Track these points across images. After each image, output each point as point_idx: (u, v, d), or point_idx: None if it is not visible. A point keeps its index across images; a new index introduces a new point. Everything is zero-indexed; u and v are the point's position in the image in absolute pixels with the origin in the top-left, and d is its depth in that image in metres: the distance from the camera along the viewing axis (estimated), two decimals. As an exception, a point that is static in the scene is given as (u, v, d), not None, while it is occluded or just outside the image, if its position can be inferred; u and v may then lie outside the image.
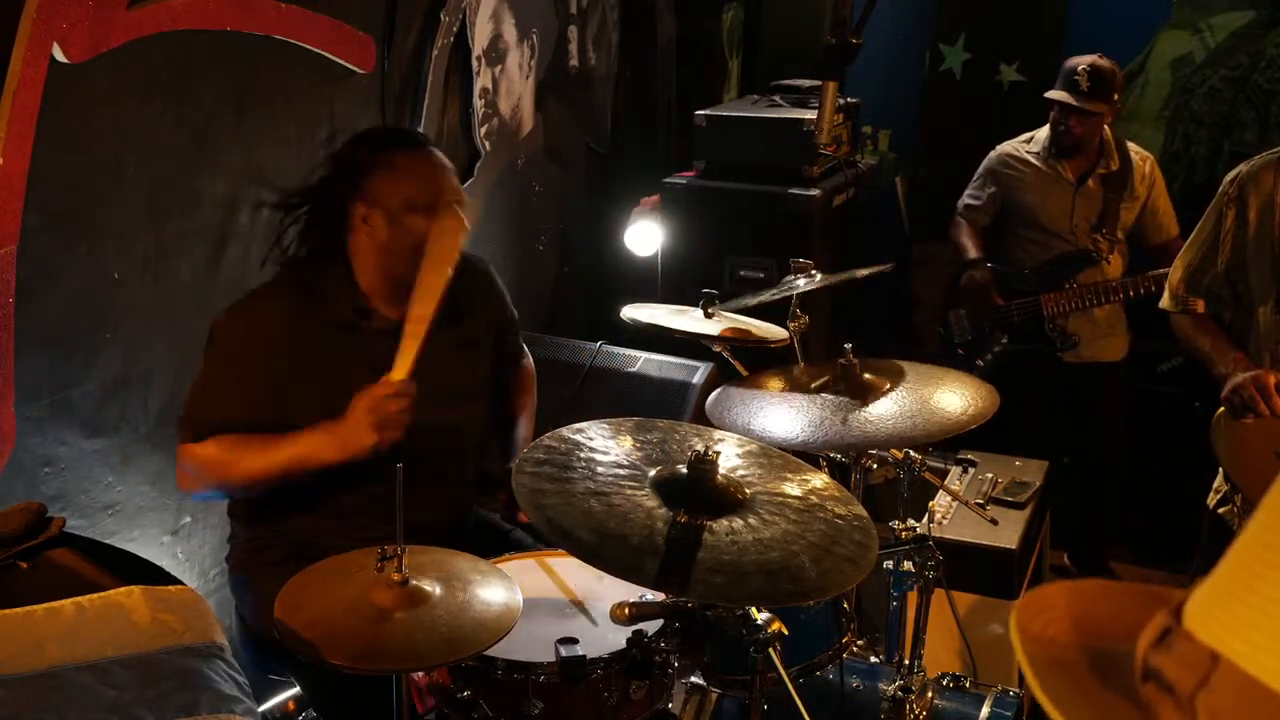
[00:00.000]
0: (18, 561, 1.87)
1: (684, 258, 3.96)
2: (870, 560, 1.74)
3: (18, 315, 2.25)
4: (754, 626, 1.70)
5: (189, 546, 2.81)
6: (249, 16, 2.65)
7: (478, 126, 3.75)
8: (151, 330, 2.61)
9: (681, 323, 2.72)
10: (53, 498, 2.39)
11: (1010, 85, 4.80)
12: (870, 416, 2.20)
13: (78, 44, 2.24)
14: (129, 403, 2.57)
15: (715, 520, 1.72)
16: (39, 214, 2.25)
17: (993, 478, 3.31)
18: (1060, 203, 3.88)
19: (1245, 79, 4.42)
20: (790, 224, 3.81)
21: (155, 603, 1.75)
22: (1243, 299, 2.64)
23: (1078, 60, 3.74)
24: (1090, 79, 3.68)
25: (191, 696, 1.59)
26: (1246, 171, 2.61)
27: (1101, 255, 3.84)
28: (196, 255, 2.70)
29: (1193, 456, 2.76)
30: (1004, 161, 3.98)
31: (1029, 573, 3.19)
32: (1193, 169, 4.55)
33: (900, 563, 2.38)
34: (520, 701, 1.85)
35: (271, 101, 2.84)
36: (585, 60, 4.43)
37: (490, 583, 1.86)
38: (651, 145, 4.76)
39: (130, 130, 2.47)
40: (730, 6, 5.05)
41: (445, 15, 3.42)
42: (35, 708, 1.53)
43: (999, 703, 2.38)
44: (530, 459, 1.83)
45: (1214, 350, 2.63)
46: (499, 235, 4.00)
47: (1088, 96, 3.70)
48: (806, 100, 4.10)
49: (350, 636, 1.71)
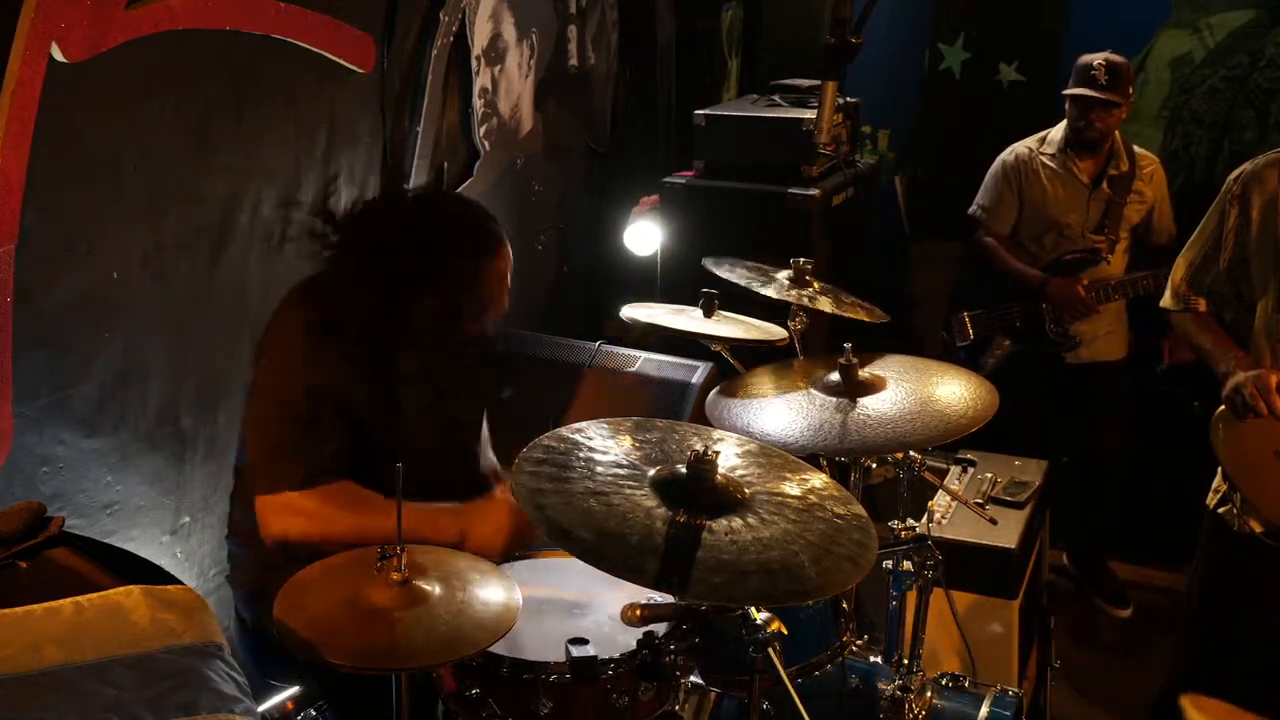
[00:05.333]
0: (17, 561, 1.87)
1: (683, 257, 3.96)
2: (870, 560, 1.73)
3: (16, 314, 2.25)
4: (753, 626, 1.69)
5: (188, 546, 2.81)
6: (248, 16, 2.65)
7: (477, 126, 3.75)
8: (151, 330, 2.60)
9: (681, 322, 2.72)
10: (51, 497, 2.39)
11: (1010, 85, 4.80)
12: (870, 418, 2.20)
13: (76, 43, 2.24)
14: (128, 402, 2.57)
15: (714, 520, 1.72)
16: (38, 213, 2.25)
17: (992, 477, 3.31)
18: (1075, 203, 3.89)
19: (1245, 78, 4.42)
20: (790, 223, 3.81)
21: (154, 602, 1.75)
22: (1244, 297, 2.64)
23: (1091, 57, 3.76)
24: (1108, 72, 3.71)
25: (191, 696, 1.59)
26: (1250, 170, 2.61)
27: (1103, 255, 3.85)
28: (196, 255, 2.70)
29: (1193, 456, 2.76)
30: (1020, 162, 3.97)
31: (1028, 572, 3.18)
32: (1192, 169, 4.55)
33: (900, 562, 2.38)
34: (529, 701, 1.85)
35: (271, 101, 2.84)
36: (585, 60, 4.42)
37: (490, 582, 1.86)
38: (651, 145, 4.76)
39: (130, 130, 2.47)
40: (730, 6, 5.05)
41: (445, 15, 3.42)
42: (34, 707, 1.53)
43: (998, 702, 2.38)
44: (530, 459, 1.83)
45: (1215, 349, 2.63)
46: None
47: (1107, 88, 3.72)
48: (806, 100, 4.09)
49: (350, 636, 1.70)
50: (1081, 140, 3.83)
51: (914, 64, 5.01)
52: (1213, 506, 2.70)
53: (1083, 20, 4.59)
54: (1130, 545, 4.25)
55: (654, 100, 4.76)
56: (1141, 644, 3.90)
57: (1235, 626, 2.67)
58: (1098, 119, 3.77)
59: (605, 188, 4.65)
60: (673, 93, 4.82)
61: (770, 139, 3.93)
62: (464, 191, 3.72)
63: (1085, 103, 3.76)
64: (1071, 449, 4.05)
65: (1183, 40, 4.49)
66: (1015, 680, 3.02)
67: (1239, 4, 4.38)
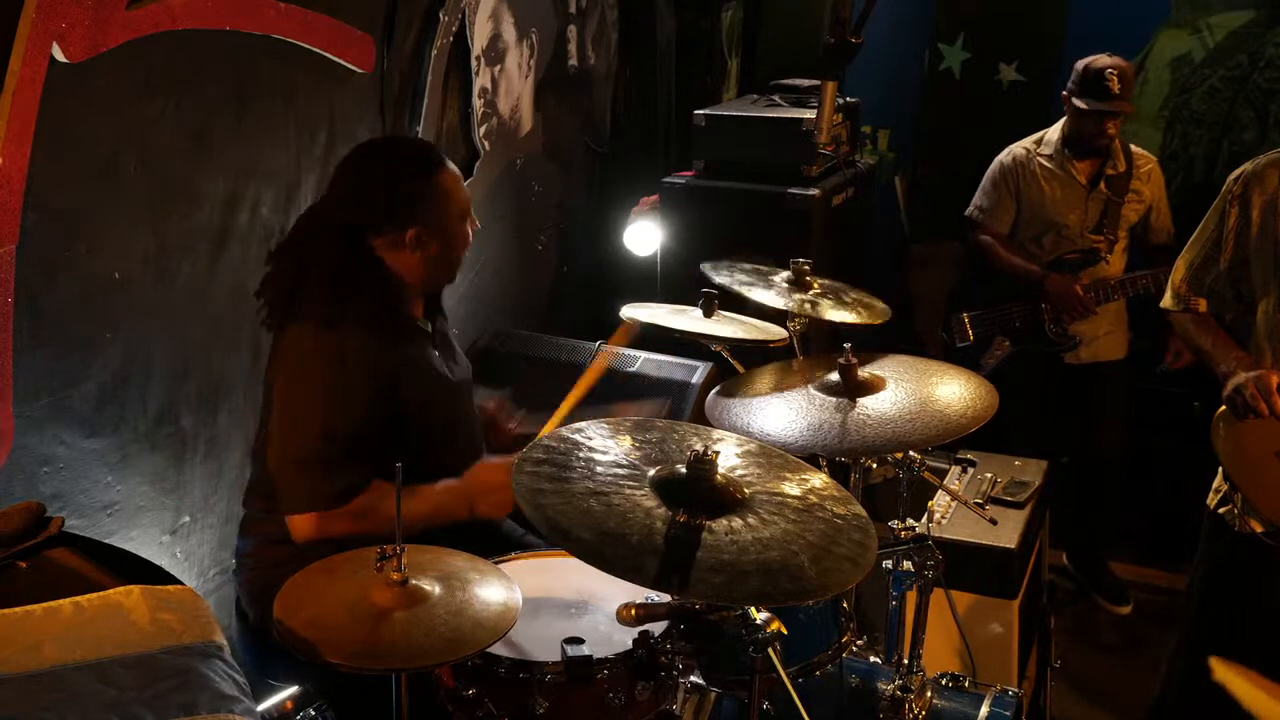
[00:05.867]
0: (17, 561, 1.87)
1: (683, 257, 3.96)
2: (869, 560, 1.73)
3: (17, 314, 2.25)
4: (753, 626, 1.69)
5: (188, 546, 2.81)
6: (248, 16, 2.65)
7: (477, 126, 3.75)
8: (151, 330, 2.60)
9: (681, 322, 2.72)
10: (51, 497, 2.39)
11: (1010, 85, 4.81)
12: (869, 419, 2.20)
13: (77, 43, 2.24)
14: (128, 402, 2.57)
15: (714, 520, 1.72)
16: (38, 213, 2.25)
17: (992, 477, 3.31)
18: (1072, 203, 3.88)
19: (1244, 78, 4.42)
20: (790, 223, 3.81)
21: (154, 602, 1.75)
22: (1244, 298, 2.64)
23: (1098, 63, 3.73)
24: (1120, 80, 3.70)
25: (191, 696, 1.59)
26: (1251, 170, 2.61)
27: (1102, 255, 3.86)
28: (196, 255, 2.70)
29: (1193, 456, 2.75)
30: (1018, 163, 3.97)
31: (1028, 572, 3.19)
32: (1191, 169, 4.55)
33: (900, 562, 2.38)
34: (525, 701, 1.85)
35: (271, 101, 2.84)
36: (585, 60, 4.42)
37: (490, 582, 1.86)
38: (651, 145, 4.76)
39: (130, 130, 2.47)
40: (730, 6, 5.05)
41: (445, 15, 3.42)
42: (34, 707, 1.53)
43: (998, 702, 2.38)
44: (529, 459, 1.83)
45: (1215, 349, 2.63)
46: (498, 235, 4.00)
47: (1119, 98, 3.71)
48: (806, 100, 4.09)
49: (350, 636, 1.71)
50: (1093, 147, 3.83)
51: (914, 64, 5.01)
52: (1213, 507, 2.70)
53: (1083, 20, 4.59)
54: (1130, 545, 4.25)
55: (654, 100, 4.75)
56: (1141, 644, 3.90)
57: (1235, 626, 2.67)
58: (1111, 127, 3.77)
59: (605, 188, 4.65)
60: (673, 93, 4.81)
61: (770, 139, 3.93)
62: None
63: (1099, 115, 3.74)
64: (1071, 449, 4.05)
65: (1183, 40, 4.49)
66: (1015, 680, 3.03)
67: (1239, 4, 4.38)
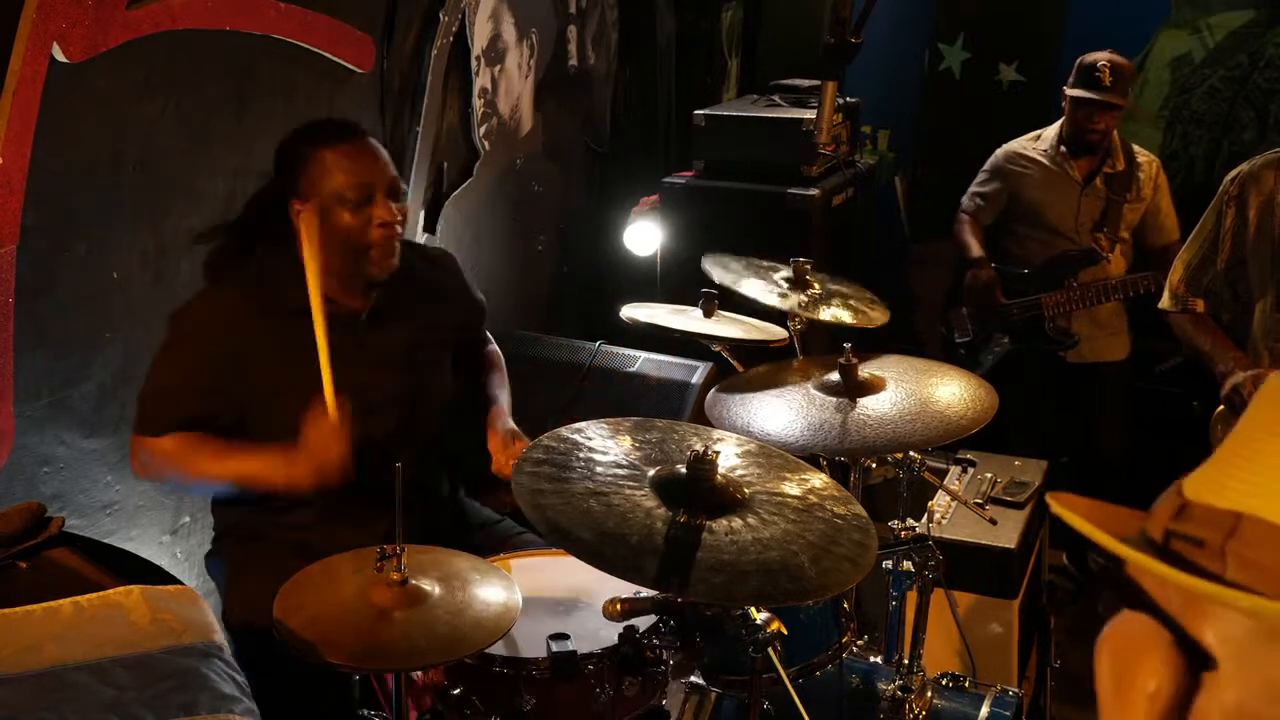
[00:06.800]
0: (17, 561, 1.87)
1: (683, 257, 3.96)
2: (870, 560, 1.73)
3: (17, 315, 2.25)
4: (753, 626, 1.69)
5: (188, 546, 2.81)
6: (248, 16, 2.65)
7: (477, 126, 3.75)
8: (151, 330, 2.60)
9: (681, 322, 2.72)
10: (51, 497, 2.39)
11: (1009, 85, 4.81)
12: (869, 418, 2.20)
13: (77, 43, 2.24)
14: (128, 402, 2.57)
15: (714, 520, 1.72)
16: (39, 213, 2.25)
17: (992, 477, 3.30)
18: (1067, 202, 3.88)
19: (1244, 78, 4.42)
20: (790, 224, 3.81)
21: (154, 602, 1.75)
22: (1242, 298, 2.64)
23: (1094, 57, 3.75)
24: (1112, 74, 3.70)
25: (190, 696, 1.59)
26: (1247, 171, 2.61)
27: (1103, 254, 3.85)
28: (196, 255, 2.69)
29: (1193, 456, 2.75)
30: (1012, 159, 3.98)
31: (1028, 572, 3.18)
32: (1191, 168, 4.56)
33: (900, 562, 2.37)
34: (512, 697, 1.85)
35: (271, 101, 2.84)
36: (584, 60, 4.42)
37: (489, 582, 1.86)
38: (651, 145, 4.76)
39: (130, 130, 2.47)
40: (730, 6, 5.05)
41: (445, 15, 3.42)
42: (34, 707, 1.53)
43: (998, 702, 2.38)
44: (529, 459, 1.83)
45: (1214, 349, 2.63)
46: (498, 235, 4.00)
47: (1110, 90, 3.71)
48: (806, 100, 4.09)
49: (350, 636, 1.71)
50: (1083, 141, 3.83)
51: (914, 64, 5.01)
52: (1212, 506, 2.69)
53: (1083, 20, 4.59)
54: (1130, 545, 4.24)
55: (654, 100, 4.76)
56: (1141, 644, 3.89)
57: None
58: (1100, 120, 3.76)
59: (605, 188, 4.65)
60: (673, 93, 4.82)
61: (770, 139, 3.93)
62: (464, 192, 3.73)
63: (1088, 105, 3.75)
64: (1071, 449, 4.05)
65: (1182, 40, 4.49)
66: (1015, 680, 3.02)
67: (1239, 4, 4.39)
